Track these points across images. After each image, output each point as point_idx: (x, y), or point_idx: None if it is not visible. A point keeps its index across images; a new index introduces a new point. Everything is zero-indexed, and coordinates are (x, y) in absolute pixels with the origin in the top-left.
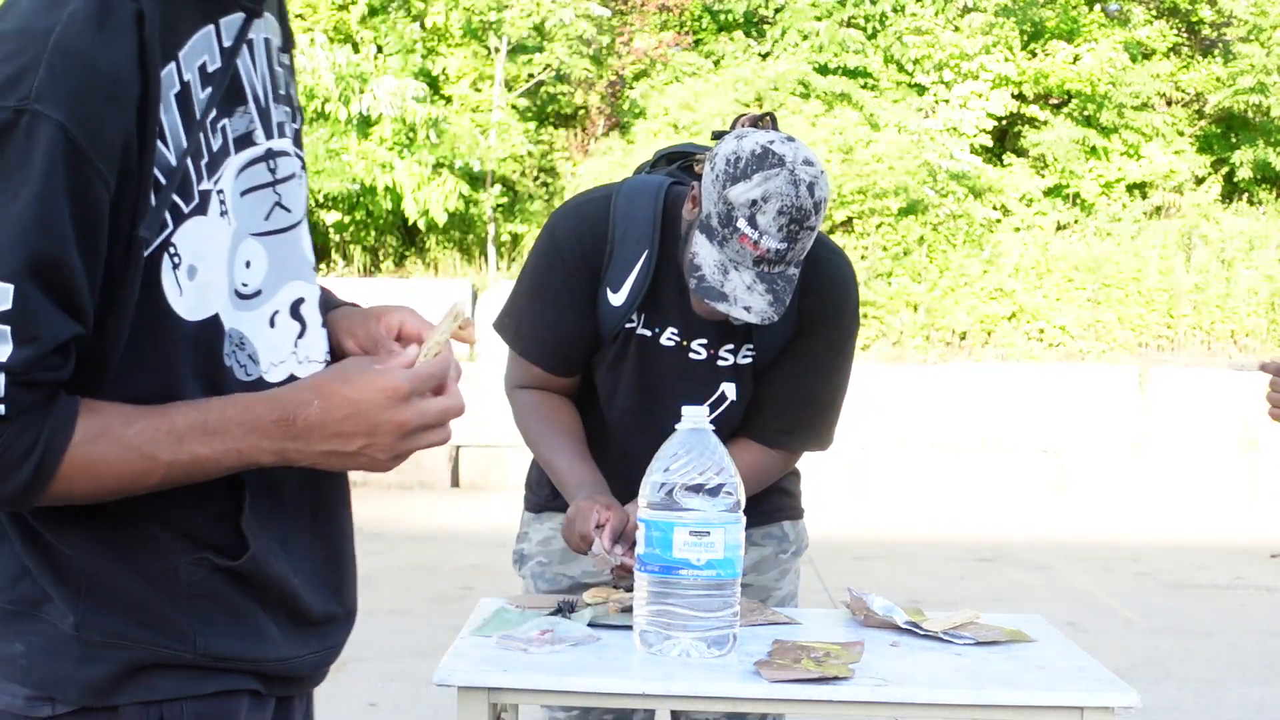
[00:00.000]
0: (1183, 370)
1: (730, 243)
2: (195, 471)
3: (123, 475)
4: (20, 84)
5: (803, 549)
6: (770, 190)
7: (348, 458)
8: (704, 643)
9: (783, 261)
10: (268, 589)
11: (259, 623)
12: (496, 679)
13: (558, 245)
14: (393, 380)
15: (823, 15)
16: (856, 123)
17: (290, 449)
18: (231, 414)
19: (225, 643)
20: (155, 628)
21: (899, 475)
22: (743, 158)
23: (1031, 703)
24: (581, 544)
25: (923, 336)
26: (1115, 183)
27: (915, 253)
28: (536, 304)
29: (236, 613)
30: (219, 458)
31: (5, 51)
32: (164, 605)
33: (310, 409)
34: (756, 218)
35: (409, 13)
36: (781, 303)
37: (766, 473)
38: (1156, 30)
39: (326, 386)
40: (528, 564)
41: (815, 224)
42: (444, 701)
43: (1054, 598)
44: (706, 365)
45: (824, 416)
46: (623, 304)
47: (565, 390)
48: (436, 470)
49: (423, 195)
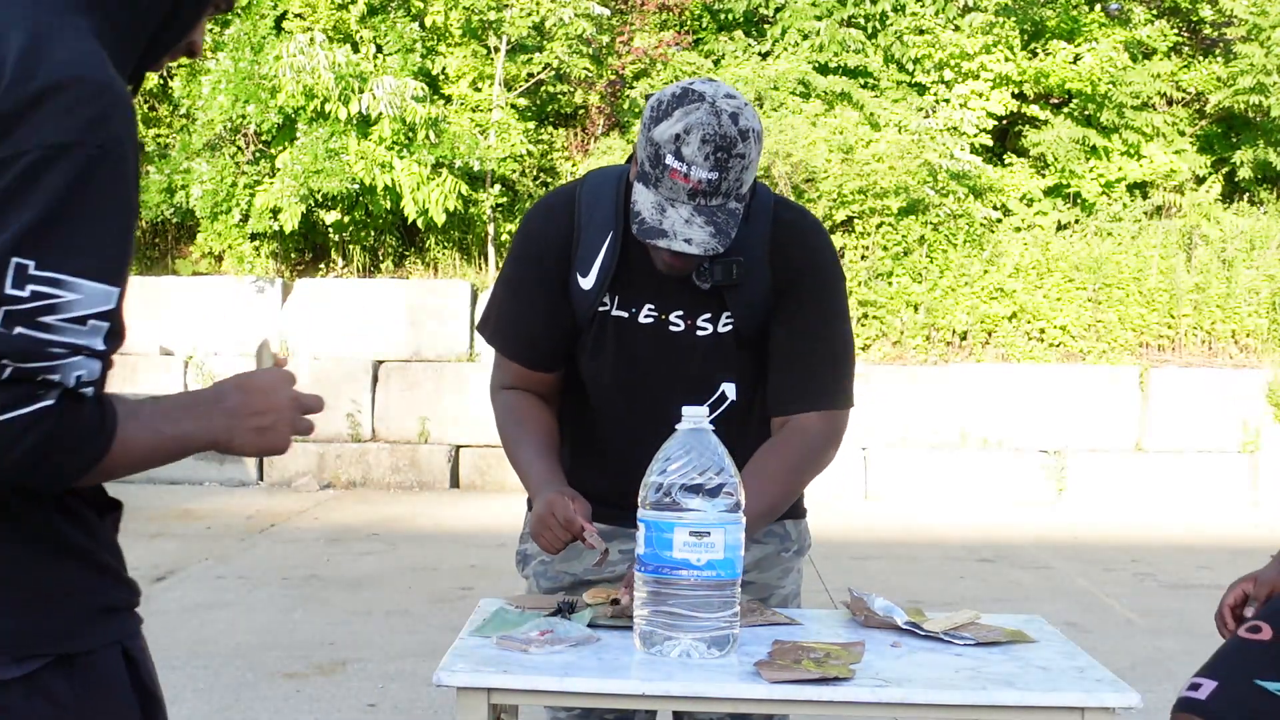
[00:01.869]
0: (1183, 370)
1: (663, 181)
2: (178, 449)
3: (141, 448)
4: (106, 124)
5: (805, 548)
6: (692, 123)
7: (263, 432)
8: (704, 643)
9: (718, 193)
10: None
11: (119, 570)
12: (496, 679)
13: (528, 240)
14: (284, 373)
15: (823, 15)
16: (856, 122)
17: (233, 426)
18: (194, 401)
19: (117, 586)
20: (89, 576)
21: (899, 475)
22: (664, 100)
23: (1032, 703)
24: (556, 537)
25: (923, 336)
26: (1116, 182)
27: (915, 253)
28: (511, 300)
29: (105, 564)
30: (195, 434)
31: (77, 96)
32: (88, 561)
33: (234, 396)
34: (682, 150)
35: (408, 12)
36: (725, 234)
37: (812, 444)
38: (1157, 30)
39: (237, 381)
40: (530, 564)
41: (744, 151)
42: (444, 702)
43: (1054, 598)
44: (686, 337)
45: (843, 369)
46: (593, 286)
47: (548, 387)
48: (436, 470)
49: (422, 195)
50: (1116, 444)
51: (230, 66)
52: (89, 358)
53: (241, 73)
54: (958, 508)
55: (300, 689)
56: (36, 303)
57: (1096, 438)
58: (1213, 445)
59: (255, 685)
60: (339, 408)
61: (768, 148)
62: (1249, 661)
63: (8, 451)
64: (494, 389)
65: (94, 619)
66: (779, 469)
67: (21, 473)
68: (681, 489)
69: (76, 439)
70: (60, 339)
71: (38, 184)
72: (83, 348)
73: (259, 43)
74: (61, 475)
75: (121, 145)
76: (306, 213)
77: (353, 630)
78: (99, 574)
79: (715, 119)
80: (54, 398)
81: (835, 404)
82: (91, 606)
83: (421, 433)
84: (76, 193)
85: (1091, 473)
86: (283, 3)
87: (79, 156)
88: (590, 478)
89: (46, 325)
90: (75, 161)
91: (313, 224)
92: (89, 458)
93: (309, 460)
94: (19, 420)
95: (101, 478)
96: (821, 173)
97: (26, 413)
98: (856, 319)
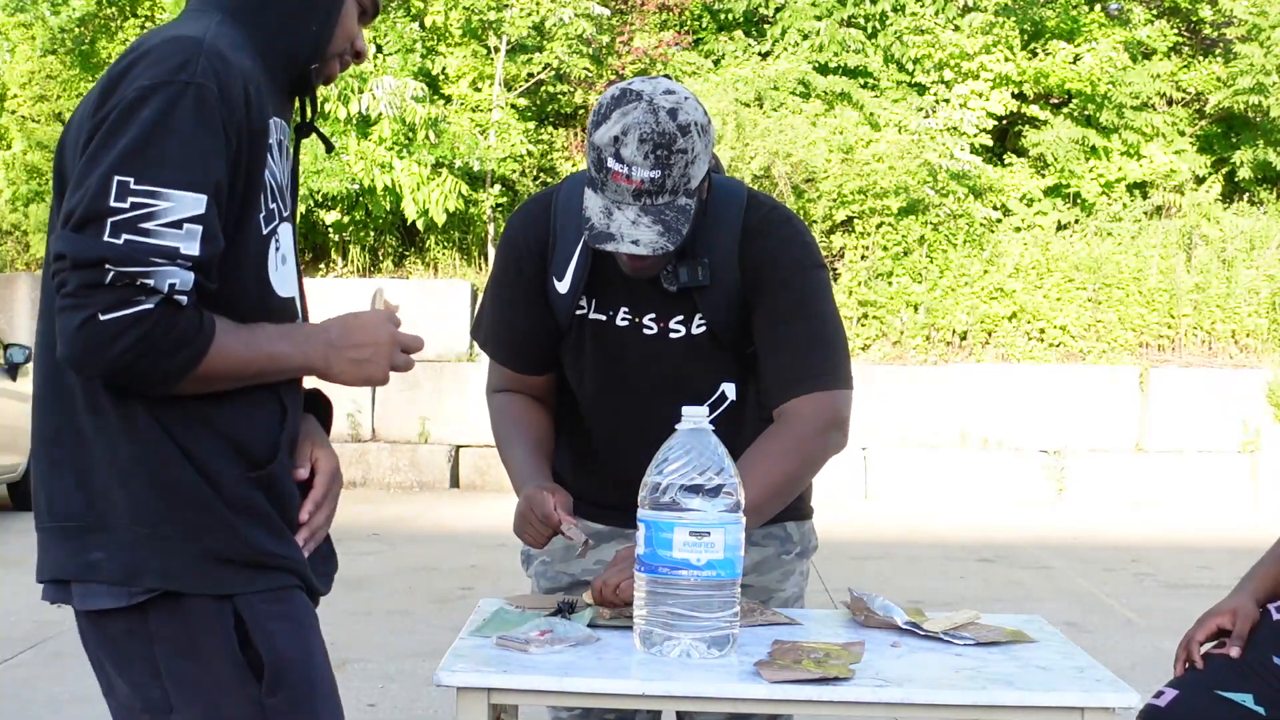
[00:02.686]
0: (1183, 370)
1: (608, 185)
2: (273, 367)
3: (239, 361)
4: (192, 66)
5: (809, 550)
6: (629, 123)
7: (361, 364)
8: (704, 643)
9: (664, 190)
10: (283, 502)
11: (284, 531)
12: (496, 679)
13: (508, 244)
14: (388, 314)
15: (823, 15)
16: (856, 122)
17: (331, 355)
18: (295, 328)
19: (268, 541)
20: (211, 526)
21: (899, 475)
22: (603, 104)
23: (1032, 703)
24: (538, 531)
25: (923, 336)
26: (1116, 182)
27: (915, 253)
28: (497, 305)
29: (269, 518)
30: (291, 355)
31: (168, 50)
32: (217, 507)
33: (336, 328)
34: (621, 151)
35: (409, 12)
36: (675, 232)
37: (810, 429)
38: (1157, 30)
39: (341, 318)
40: (533, 563)
41: (686, 146)
42: (444, 702)
43: (1054, 598)
44: (660, 339)
45: (835, 350)
46: (568, 290)
47: (541, 390)
48: (436, 471)
49: (422, 195)
50: (1116, 444)
51: None
52: (183, 268)
53: None
54: (958, 508)
55: None
56: (136, 211)
57: (1096, 438)
58: (1213, 445)
59: None
60: (339, 408)
61: (768, 148)
62: (1213, 673)
63: (108, 348)
64: (489, 392)
65: (199, 566)
66: (765, 462)
67: (121, 370)
68: (681, 489)
69: (174, 342)
70: (160, 242)
71: (133, 117)
72: (178, 252)
73: None
74: (159, 376)
75: (208, 81)
76: (306, 213)
77: (353, 630)
78: (217, 521)
79: (653, 116)
80: (153, 303)
81: (825, 385)
82: (198, 553)
83: (421, 433)
84: (166, 118)
85: (1091, 473)
86: None
87: (168, 91)
88: (586, 479)
89: (147, 230)
90: (164, 95)
91: (313, 224)
92: (186, 360)
93: None
94: (121, 320)
95: (200, 386)
96: (821, 173)
97: (128, 314)
98: (856, 319)
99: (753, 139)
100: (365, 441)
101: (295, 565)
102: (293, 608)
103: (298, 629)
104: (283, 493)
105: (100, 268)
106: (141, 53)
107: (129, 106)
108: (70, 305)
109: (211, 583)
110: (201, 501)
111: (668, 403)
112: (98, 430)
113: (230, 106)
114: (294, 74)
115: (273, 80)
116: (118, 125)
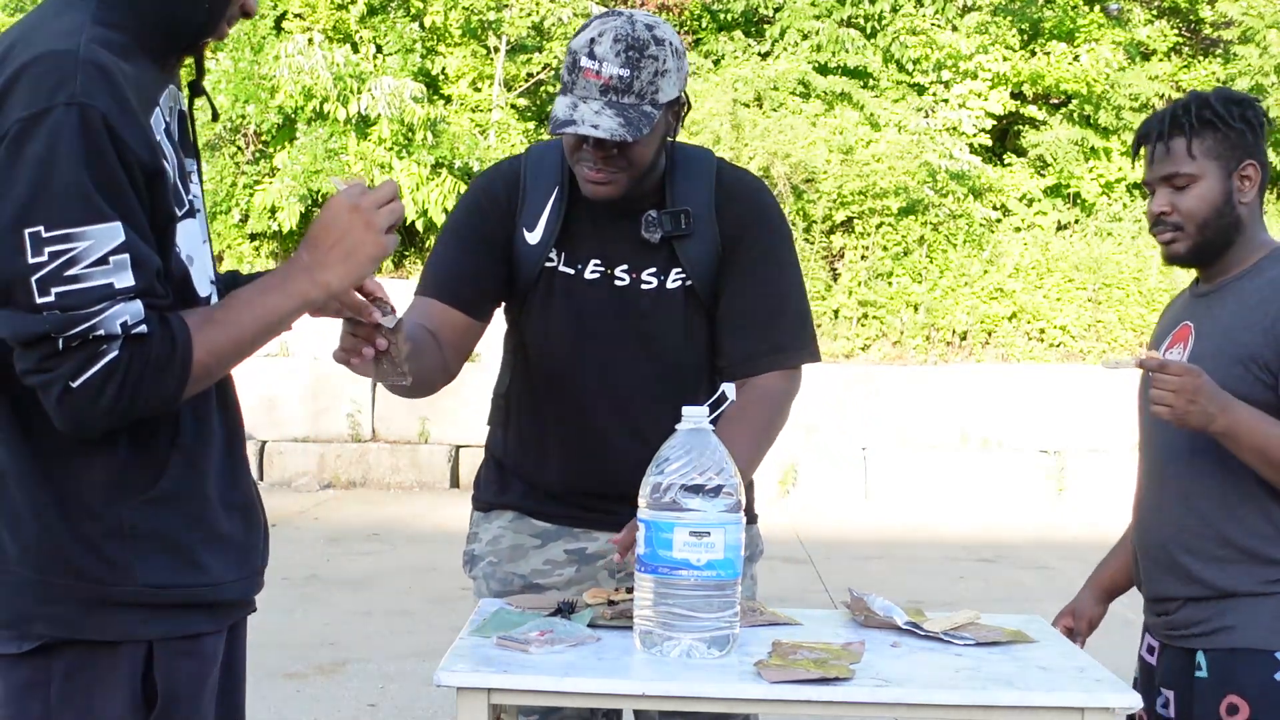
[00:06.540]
0: None
1: (578, 84)
2: (268, 323)
3: (229, 343)
4: (71, 84)
5: (757, 555)
6: (606, 27)
7: (349, 256)
8: (704, 643)
9: (630, 90)
10: (195, 507)
11: (193, 548)
12: (496, 679)
13: (474, 193)
14: (342, 195)
15: (822, 15)
16: (856, 123)
17: (315, 274)
18: (268, 278)
19: (168, 572)
20: (97, 568)
21: (899, 475)
22: (589, 22)
23: (1032, 703)
24: (355, 340)
25: (923, 336)
26: (1116, 182)
27: (915, 253)
28: (444, 246)
29: (171, 541)
30: (279, 303)
31: (43, 69)
32: (105, 546)
33: (304, 248)
34: (594, 49)
35: (408, 12)
36: (637, 128)
37: (779, 406)
38: (1157, 30)
39: (308, 231)
40: (479, 564)
41: (659, 54)
42: (444, 702)
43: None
44: (631, 290)
45: (800, 321)
46: (539, 241)
47: (447, 331)
48: (436, 470)
49: (422, 195)
50: (1116, 444)
51: (230, 66)
52: (125, 301)
53: (241, 73)
54: (958, 508)
55: (300, 689)
56: (56, 262)
57: (1096, 438)
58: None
59: (255, 685)
60: (339, 408)
61: (767, 148)
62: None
63: (94, 409)
64: None
65: (90, 611)
66: (747, 438)
67: (119, 418)
68: (681, 489)
69: (155, 371)
70: (92, 284)
71: (21, 155)
72: (114, 289)
73: (259, 43)
74: (159, 403)
75: (90, 100)
76: (305, 212)
77: (353, 630)
78: (103, 562)
79: (630, 25)
80: (116, 349)
81: (799, 360)
82: (89, 598)
83: (421, 433)
84: (53, 152)
85: (1091, 473)
86: (282, 3)
87: (49, 121)
88: (537, 469)
89: (75, 277)
90: (48, 126)
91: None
92: (176, 378)
93: (309, 460)
94: (92, 380)
95: (206, 383)
96: (821, 173)
97: (96, 370)
98: (856, 319)
99: (752, 139)
100: (365, 441)
101: (200, 595)
102: (197, 645)
103: (200, 666)
104: (189, 499)
105: (47, 339)
106: (13, 73)
107: (13, 143)
108: (41, 382)
109: (101, 629)
110: (89, 541)
111: (631, 359)
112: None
113: (120, 120)
114: (183, 44)
115: (155, 58)
116: (8, 167)
